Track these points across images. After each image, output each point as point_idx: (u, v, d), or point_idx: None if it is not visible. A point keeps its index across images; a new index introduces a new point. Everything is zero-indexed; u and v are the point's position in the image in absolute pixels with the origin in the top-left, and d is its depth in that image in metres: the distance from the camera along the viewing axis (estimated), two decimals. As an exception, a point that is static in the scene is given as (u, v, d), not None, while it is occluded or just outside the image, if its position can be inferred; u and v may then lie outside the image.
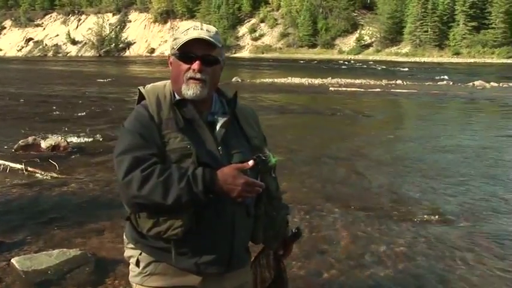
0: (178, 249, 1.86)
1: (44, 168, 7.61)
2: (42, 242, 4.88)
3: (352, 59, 69.54)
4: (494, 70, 44.46)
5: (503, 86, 26.30)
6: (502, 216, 6.03)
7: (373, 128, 13.22)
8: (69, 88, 24.13)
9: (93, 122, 12.86)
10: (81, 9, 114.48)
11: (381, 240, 5.14)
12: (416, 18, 77.41)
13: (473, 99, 20.56)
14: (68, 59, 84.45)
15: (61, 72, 40.77)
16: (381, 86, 25.92)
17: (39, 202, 6.16)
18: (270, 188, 2.07)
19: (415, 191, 7.08)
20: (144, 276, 1.98)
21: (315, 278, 4.27)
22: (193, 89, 1.88)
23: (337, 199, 6.54)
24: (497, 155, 9.67)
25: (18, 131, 11.13)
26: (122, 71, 45.32)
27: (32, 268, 4.17)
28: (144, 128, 1.85)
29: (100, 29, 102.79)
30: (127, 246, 2.06)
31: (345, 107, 17.16)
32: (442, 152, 9.89)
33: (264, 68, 47.42)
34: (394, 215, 5.93)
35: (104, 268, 4.19)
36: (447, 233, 5.42)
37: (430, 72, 39.99)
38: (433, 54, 72.65)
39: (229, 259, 1.92)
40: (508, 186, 7.41)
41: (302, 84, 27.78)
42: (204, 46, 1.88)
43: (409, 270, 4.50)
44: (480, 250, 4.95)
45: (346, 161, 8.97)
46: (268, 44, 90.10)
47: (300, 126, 13.93)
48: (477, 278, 4.34)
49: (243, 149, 1.98)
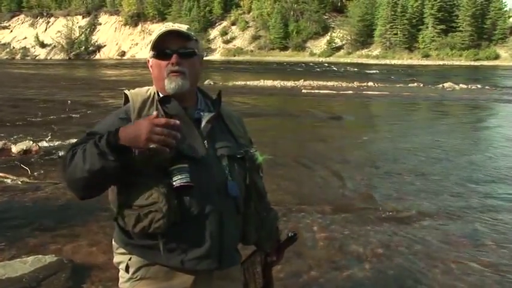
0: (166, 245, 1.83)
1: (15, 173, 7.47)
2: (15, 248, 4.78)
3: (324, 61, 70.08)
4: (462, 72, 45.35)
5: (471, 88, 26.88)
6: (476, 214, 6.15)
7: (346, 130, 13.36)
8: (38, 92, 23.71)
9: (64, 125, 12.67)
10: (49, 11, 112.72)
11: (358, 241, 5.19)
12: (386, 21, 78.59)
13: (443, 101, 20.95)
14: (36, 62, 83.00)
15: (30, 75, 40.07)
16: (353, 88, 26.20)
17: (11, 208, 6.04)
18: (259, 186, 2.07)
19: (390, 191, 7.18)
20: (134, 281, 1.94)
21: (294, 280, 4.28)
22: (174, 81, 1.87)
23: (313, 201, 6.56)
24: (469, 154, 9.88)
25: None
26: (93, 74, 44.82)
27: (6, 276, 4.08)
28: (109, 125, 1.83)
29: (69, 32, 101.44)
30: (116, 251, 2.02)
31: (318, 109, 17.27)
32: (415, 153, 10.02)
33: (236, 70, 47.39)
34: (370, 216, 5.99)
35: (80, 274, 4.13)
36: (423, 232, 5.50)
37: (400, 74, 40.61)
38: (403, 57, 73.76)
39: (220, 255, 1.88)
40: (481, 184, 7.56)
41: (274, 86, 27.88)
42: (178, 39, 1.89)
43: (387, 270, 4.54)
44: (455, 248, 5.04)
45: (321, 163, 9.01)
46: (240, 47, 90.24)
47: (273, 128, 13.93)
48: (453, 276, 4.42)
49: (230, 144, 1.97)
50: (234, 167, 1.92)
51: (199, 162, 1.83)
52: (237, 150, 1.96)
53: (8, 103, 18.38)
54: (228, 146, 1.95)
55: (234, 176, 1.92)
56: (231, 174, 1.91)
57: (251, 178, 2.00)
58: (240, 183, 1.95)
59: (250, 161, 2.00)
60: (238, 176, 1.94)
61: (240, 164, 1.96)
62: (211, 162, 1.87)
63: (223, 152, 1.92)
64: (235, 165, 1.93)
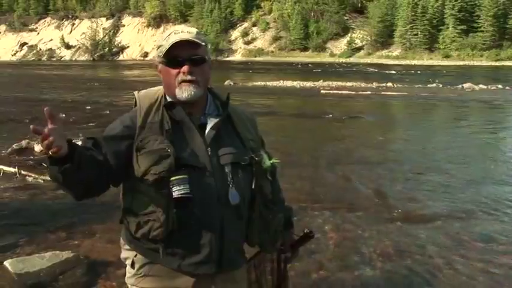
0: (165, 250, 1.87)
1: (37, 172, 7.61)
2: (35, 244, 4.88)
3: (344, 62, 69.69)
4: (483, 72, 44.66)
5: (491, 88, 26.43)
6: (489, 216, 6.09)
7: (363, 130, 13.29)
8: (63, 92, 24.04)
9: (86, 125, 12.85)
10: (75, 14, 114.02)
11: (368, 241, 5.18)
12: (406, 21, 77.67)
13: (462, 101, 20.66)
14: (62, 63, 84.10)
15: (55, 76, 40.62)
16: (371, 88, 25.99)
17: (32, 205, 6.16)
18: (265, 191, 2.04)
19: (403, 191, 7.14)
20: (138, 277, 1.99)
21: (305, 278, 4.29)
22: (187, 91, 1.87)
23: (327, 200, 6.57)
24: (485, 156, 9.76)
25: (12, 134, 11.10)
26: (115, 75, 45.22)
27: (25, 270, 4.18)
28: (112, 139, 1.89)
29: (94, 34, 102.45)
30: (123, 248, 2.07)
31: (335, 110, 17.18)
32: (431, 154, 9.95)
33: (256, 71, 47.34)
34: (382, 216, 5.98)
35: (95, 270, 4.20)
36: (434, 232, 5.47)
37: (420, 74, 40.18)
38: (423, 57, 72.86)
39: (219, 260, 1.90)
40: (495, 187, 7.47)
41: (294, 87, 27.83)
42: (189, 47, 1.87)
43: (397, 270, 4.53)
44: (466, 249, 4.99)
45: (336, 162, 9.00)
46: (261, 48, 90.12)
47: (292, 128, 13.95)
48: (463, 277, 4.39)
49: (235, 150, 1.95)
50: (237, 174, 1.92)
51: (200, 171, 1.84)
52: (242, 157, 1.94)
53: (33, 103, 18.67)
54: (233, 152, 1.94)
55: (237, 182, 1.91)
56: (233, 182, 1.90)
57: (257, 183, 1.98)
58: (243, 189, 1.94)
59: (258, 166, 1.99)
60: (242, 182, 1.93)
61: (245, 169, 1.94)
62: (214, 171, 1.87)
63: (226, 160, 1.91)
64: (239, 172, 1.92)
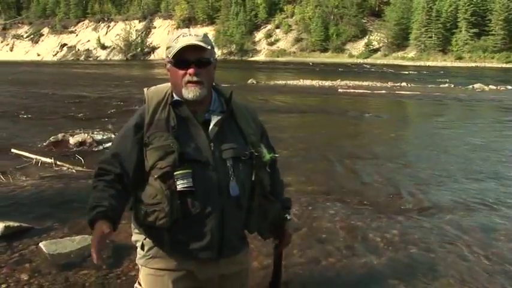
0: (171, 237, 1.92)
1: (71, 163, 7.75)
2: (67, 228, 4.98)
3: (361, 63, 69.17)
4: (493, 74, 43.88)
5: (500, 89, 26.02)
6: (491, 209, 6.03)
7: (376, 128, 13.19)
8: (97, 89, 24.33)
9: (117, 120, 12.97)
10: (110, 16, 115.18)
11: (376, 231, 5.15)
12: (421, 25, 76.84)
13: (472, 101, 20.38)
14: (97, 62, 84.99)
15: (91, 74, 41.12)
16: (386, 88, 25.77)
17: (65, 193, 6.26)
18: (264, 183, 2.07)
19: (411, 185, 7.07)
20: (147, 258, 2.05)
21: (314, 265, 4.29)
22: (192, 91, 1.91)
23: (338, 193, 6.55)
24: (491, 154, 9.62)
25: (50, 128, 11.31)
26: (147, 73, 45.59)
27: (57, 251, 4.30)
28: (124, 138, 1.99)
29: (127, 35, 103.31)
30: (134, 231, 2.13)
31: (351, 108, 17.12)
32: (439, 150, 9.84)
33: (278, 70, 47.28)
34: (389, 208, 5.95)
35: (120, 253, 4.26)
36: (439, 223, 5.42)
37: (433, 75, 39.68)
38: (437, 59, 71.97)
39: (220, 246, 1.94)
40: (499, 182, 7.37)
41: (313, 86, 27.72)
42: (195, 50, 1.90)
43: (402, 258, 4.51)
44: (469, 240, 4.94)
45: (350, 157, 8.97)
46: (283, 49, 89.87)
47: (309, 125, 13.94)
48: (466, 266, 4.34)
49: (237, 145, 1.98)
50: (238, 167, 1.95)
51: (203, 165, 1.89)
52: (243, 152, 1.97)
53: (71, 100, 18.98)
54: (234, 147, 1.97)
55: (238, 175, 1.95)
56: (234, 175, 1.93)
57: (257, 175, 2.01)
58: (243, 181, 1.97)
59: (257, 159, 2.01)
60: (242, 175, 1.96)
61: (245, 162, 1.97)
62: (216, 165, 1.91)
63: (228, 154, 1.95)
64: (239, 165, 1.95)
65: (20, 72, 43.34)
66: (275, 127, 11.71)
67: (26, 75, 38.31)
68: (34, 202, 5.57)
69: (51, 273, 3.98)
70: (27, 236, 4.74)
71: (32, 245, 4.50)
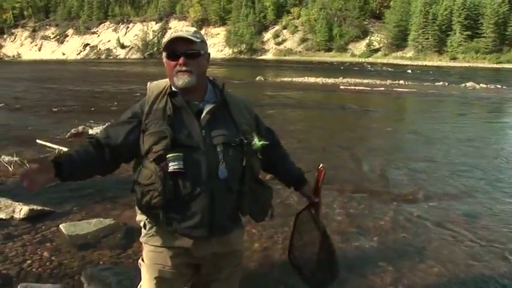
0: (165, 215, 1.96)
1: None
2: (84, 212, 5.08)
3: (363, 62, 68.88)
4: (484, 73, 43.42)
5: (490, 88, 25.77)
6: (476, 197, 6.05)
7: (374, 122, 13.17)
8: (116, 85, 24.43)
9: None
10: (129, 18, 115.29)
11: (369, 217, 5.20)
12: (419, 27, 76.42)
13: (464, 98, 20.24)
14: (117, 60, 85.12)
15: (111, 72, 41.24)
16: (385, 85, 25.61)
17: (83, 181, 6.32)
18: (255, 168, 2.10)
19: (403, 176, 7.09)
20: (149, 236, 2.09)
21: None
22: (182, 79, 1.96)
23: (337, 182, 6.54)
24: (480, 146, 9.60)
25: (71, 121, 11.40)
26: (163, 71, 45.30)
27: (75, 233, 4.40)
28: (123, 123, 2.03)
29: (145, 35, 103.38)
30: (137, 212, 2.16)
31: (351, 103, 17.07)
32: (432, 143, 9.81)
33: (285, 68, 47.16)
34: (382, 196, 5.98)
35: (132, 235, 4.32)
36: (427, 211, 5.45)
37: (429, 74, 39.39)
38: (433, 59, 71.52)
39: (211, 225, 1.97)
40: (485, 173, 7.37)
41: (316, 83, 27.61)
42: (184, 43, 1.96)
43: (392, 243, 4.55)
44: (454, 226, 4.98)
45: (348, 149, 8.97)
46: (290, 48, 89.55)
47: (311, 119, 13.92)
48: (450, 249, 4.39)
49: (228, 132, 2.00)
50: (228, 153, 1.97)
51: (194, 149, 1.92)
52: (233, 138, 1.99)
53: (92, 94, 19.12)
54: (225, 134, 1.99)
55: (227, 160, 1.97)
56: (223, 159, 1.96)
57: (248, 161, 2.03)
58: (233, 166, 1.99)
59: (248, 146, 2.03)
60: (232, 160, 1.98)
61: (236, 149, 1.99)
62: (206, 150, 1.93)
63: (218, 140, 1.97)
64: (229, 151, 1.97)
65: (47, 70, 43.63)
66: (280, 121, 11.73)
67: (52, 73, 38.53)
68: (55, 188, 5.63)
69: (70, 252, 4.07)
70: (49, 218, 4.86)
71: (53, 227, 4.61)
